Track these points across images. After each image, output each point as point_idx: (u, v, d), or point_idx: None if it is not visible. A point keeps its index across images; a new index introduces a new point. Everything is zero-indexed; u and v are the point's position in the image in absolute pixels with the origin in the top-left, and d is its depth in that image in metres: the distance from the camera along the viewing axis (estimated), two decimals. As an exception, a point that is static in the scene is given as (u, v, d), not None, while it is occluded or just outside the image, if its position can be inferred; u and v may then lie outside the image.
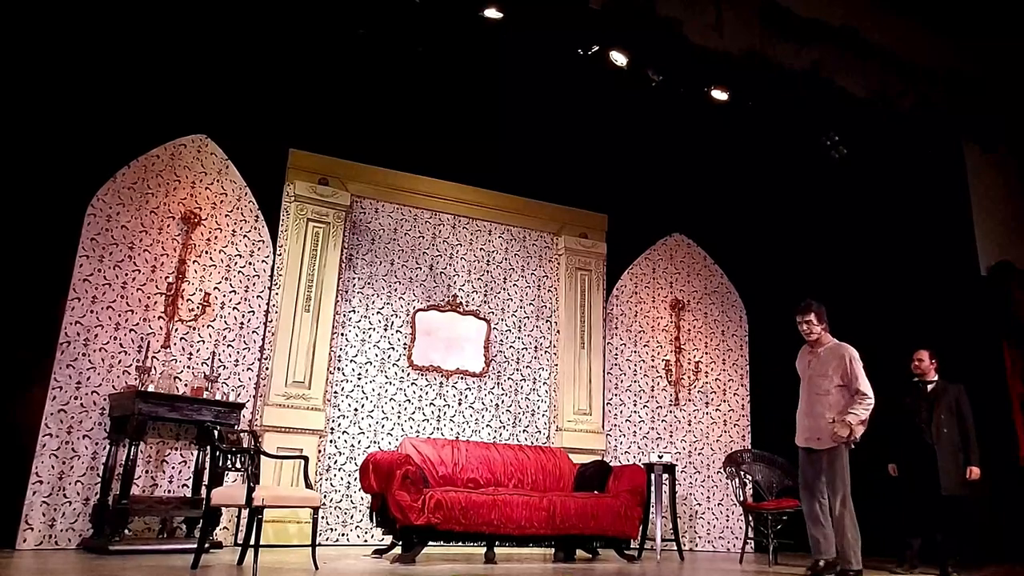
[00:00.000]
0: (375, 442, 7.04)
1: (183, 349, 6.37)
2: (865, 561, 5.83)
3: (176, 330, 6.37)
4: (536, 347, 8.06)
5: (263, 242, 6.94)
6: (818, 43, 6.52)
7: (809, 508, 5.27)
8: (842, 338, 5.58)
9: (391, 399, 7.24)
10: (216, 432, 4.83)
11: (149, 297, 6.31)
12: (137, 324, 6.21)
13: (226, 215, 6.80)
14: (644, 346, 8.42)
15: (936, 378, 6.16)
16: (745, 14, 6.41)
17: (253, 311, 6.79)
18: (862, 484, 6.41)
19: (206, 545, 4.96)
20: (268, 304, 6.88)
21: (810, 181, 8.18)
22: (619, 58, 6.62)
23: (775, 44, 6.42)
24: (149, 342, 6.14)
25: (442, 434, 7.30)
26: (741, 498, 7.00)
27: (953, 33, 7.02)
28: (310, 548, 4.87)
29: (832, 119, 7.23)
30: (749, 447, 7.99)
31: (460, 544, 5.95)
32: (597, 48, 6.59)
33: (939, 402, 6.02)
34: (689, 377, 8.38)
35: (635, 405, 8.23)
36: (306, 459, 5.26)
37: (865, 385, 5.16)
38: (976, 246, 7.14)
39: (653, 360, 8.40)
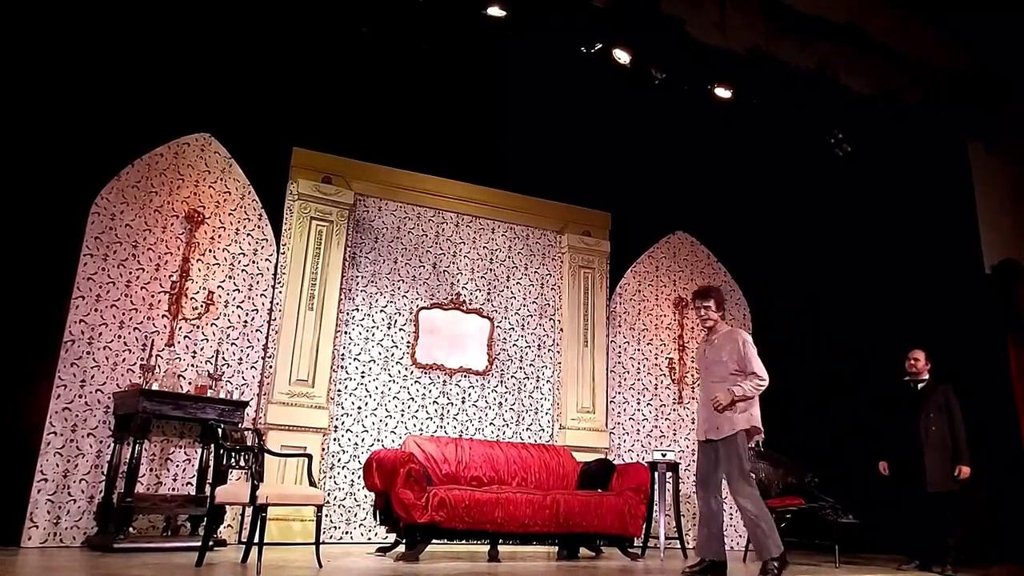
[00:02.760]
0: (379, 440, 7.04)
1: (187, 347, 6.38)
2: (870, 558, 5.83)
3: (180, 328, 6.38)
4: (539, 345, 8.06)
5: (266, 240, 6.95)
6: (822, 40, 6.50)
7: (703, 504, 4.96)
8: (847, 337, 5.54)
9: (394, 397, 7.24)
10: (220, 430, 4.84)
11: (153, 295, 6.32)
12: (141, 322, 6.22)
13: (229, 213, 6.81)
14: (647, 344, 8.42)
15: (927, 378, 6.21)
16: (749, 12, 6.40)
17: (257, 309, 6.80)
18: (865, 482, 6.44)
19: (210, 543, 4.96)
20: (272, 302, 6.89)
21: (814, 179, 8.18)
22: (622, 56, 6.61)
23: (779, 42, 6.40)
24: (153, 340, 6.15)
25: (445, 432, 7.31)
26: (745, 496, 6.99)
27: (957, 30, 7.00)
28: (314, 546, 4.88)
29: (836, 117, 7.22)
30: (752, 445, 7.97)
31: (464, 542, 5.96)
32: (600, 46, 6.58)
33: (928, 401, 6.06)
34: (693, 375, 8.37)
35: (638, 403, 8.23)
36: (310, 457, 5.26)
37: (759, 368, 4.89)
38: (980, 244, 7.12)
39: (656, 358, 8.39)
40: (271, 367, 6.71)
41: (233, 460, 4.83)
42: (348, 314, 7.25)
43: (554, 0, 6.21)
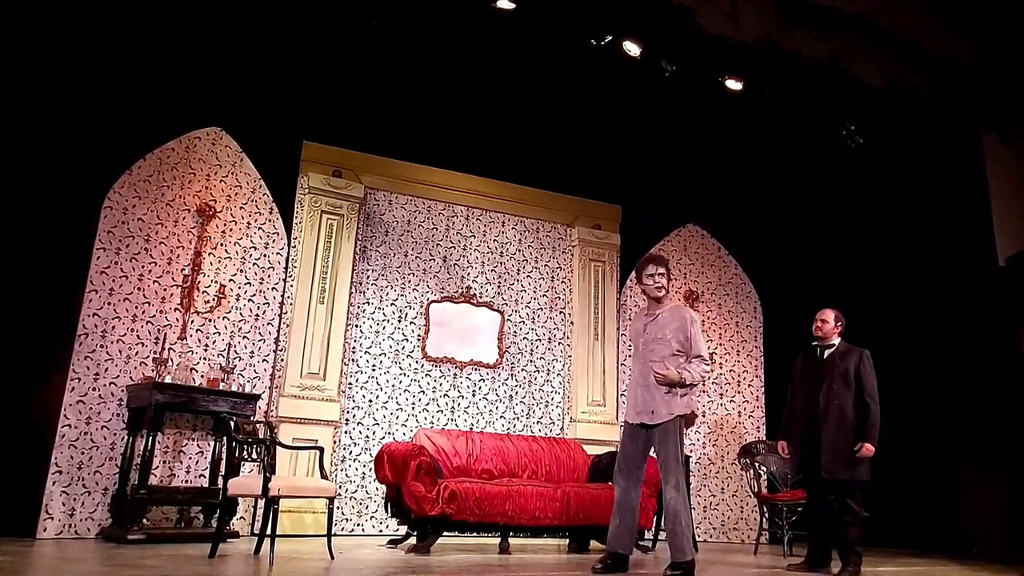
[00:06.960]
0: (390, 433, 7.07)
1: (199, 341, 6.42)
2: (881, 551, 5.79)
3: (192, 322, 6.41)
4: (550, 338, 8.06)
5: (277, 234, 6.97)
6: (834, 32, 6.46)
7: (622, 493, 4.55)
8: (858, 332, 5.43)
9: (405, 390, 7.26)
10: (232, 423, 4.88)
11: (165, 289, 6.35)
12: (154, 316, 6.26)
13: (241, 207, 6.83)
14: (658, 337, 8.39)
15: (836, 342, 5.20)
16: (760, 2, 6.36)
17: (268, 303, 6.83)
18: (875, 476, 6.39)
19: (223, 534, 5.00)
20: (283, 296, 6.92)
21: (825, 171, 8.13)
22: (632, 48, 6.59)
23: (791, 33, 6.36)
24: (166, 334, 6.18)
25: (456, 425, 7.32)
26: (756, 489, 6.98)
27: (970, 21, 6.93)
28: (326, 538, 4.90)
29: (848, 108, 7.18)
30: (764, 438, 7.96)
31: (474, 534, 5.98)
32: (610, 38, 6.56)
33: (833, 370, 5.06)
34: (703, 368, 8.34)
35: (649, 396, 8.21)
36: (321, 450, 5.30)
37: (705, 351, 4.58)
38: (994, 236, 7.07)
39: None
40: (282, 360, 6.74)
41: (245, 452, 4.87)
42: (359, 307, 7.27)
43: (563, -8, 6.20)
